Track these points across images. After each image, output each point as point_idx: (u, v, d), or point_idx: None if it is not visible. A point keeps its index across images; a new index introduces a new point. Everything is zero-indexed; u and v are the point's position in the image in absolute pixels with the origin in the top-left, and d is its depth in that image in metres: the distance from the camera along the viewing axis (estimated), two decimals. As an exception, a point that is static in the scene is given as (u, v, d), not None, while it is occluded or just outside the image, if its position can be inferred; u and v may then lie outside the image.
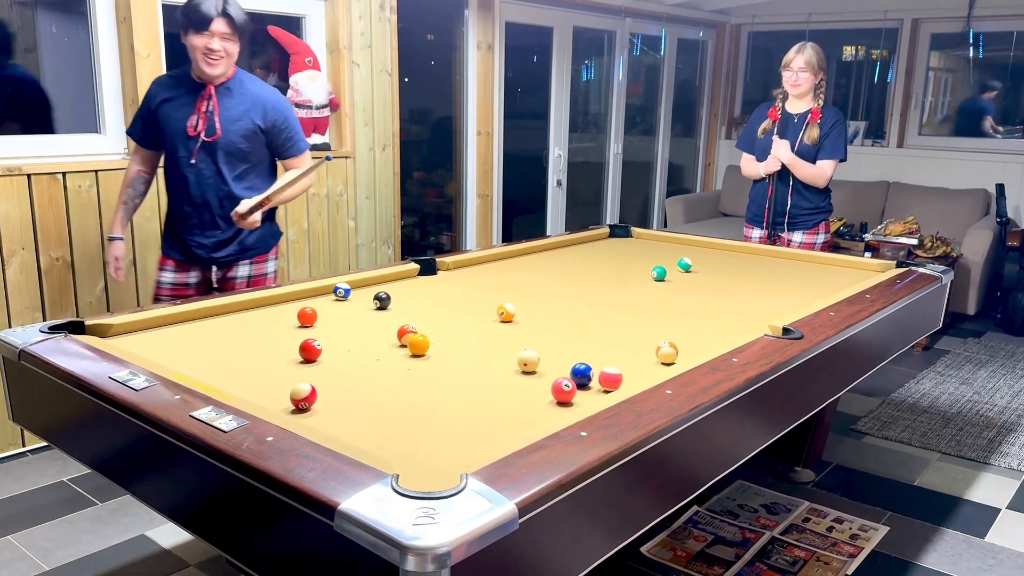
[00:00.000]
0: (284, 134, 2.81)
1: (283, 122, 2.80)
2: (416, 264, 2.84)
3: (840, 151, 3.57)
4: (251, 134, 2.74)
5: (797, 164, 3.56)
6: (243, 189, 2.77)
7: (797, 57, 3.53)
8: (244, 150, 2.75)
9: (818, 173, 3.57)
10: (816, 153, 3.57)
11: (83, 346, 1.87)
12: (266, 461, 1.30)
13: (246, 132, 2.73)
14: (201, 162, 2.72)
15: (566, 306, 2.50)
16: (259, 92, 2.78)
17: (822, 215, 3.68)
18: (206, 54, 2.62)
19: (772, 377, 1.84)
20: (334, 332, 2.15)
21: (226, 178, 2.74)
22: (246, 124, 2.73)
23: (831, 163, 3.57)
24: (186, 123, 2.70)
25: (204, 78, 2.69)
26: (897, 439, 3.51)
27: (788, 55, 3.56)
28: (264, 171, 2.85)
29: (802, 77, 3.53)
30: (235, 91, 2.73)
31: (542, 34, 5.44)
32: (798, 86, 3.55)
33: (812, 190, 3.63)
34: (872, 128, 6.45)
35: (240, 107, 2.72)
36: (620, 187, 6.33)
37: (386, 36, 4.11)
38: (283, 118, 2.80)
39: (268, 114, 2.76)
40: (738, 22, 6.85)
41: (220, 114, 2.70)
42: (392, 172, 4.29)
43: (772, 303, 2.52)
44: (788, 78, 3.56)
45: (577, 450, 1.35)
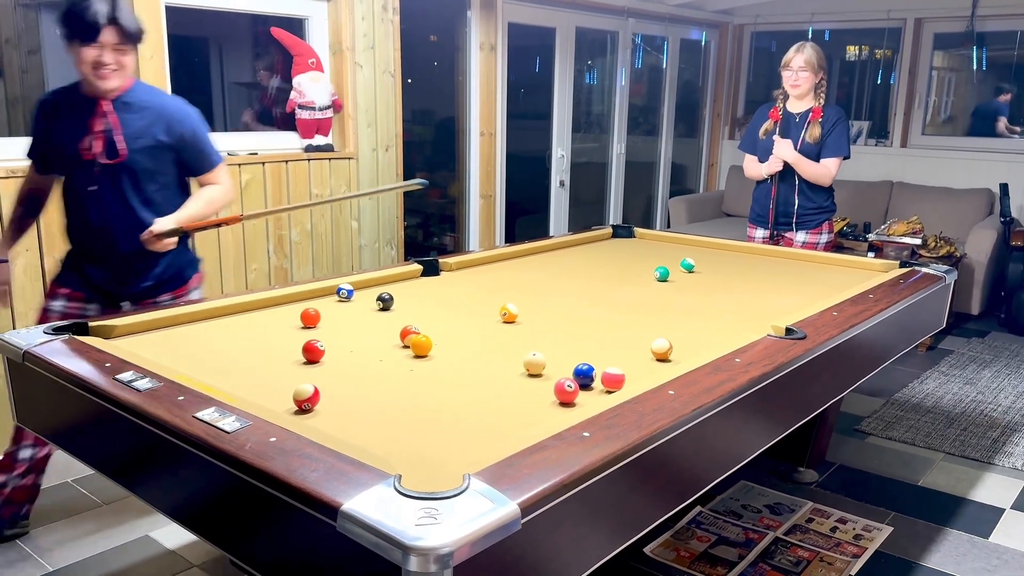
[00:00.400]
0: (194, 148, 2.52)
1: (191, 135, 2.50)
2: (419, 265, 2.84)
3: (844, 148, 3.57)
4: (157, 151, 2.44)
5: (801, 163, 3.56)
6: (152, 214, 2.45)
7: (796, 56, 3.53)
8: (151, 169, 2.44)
9: (823, 171, 3.57)
10: (819, 152, 3.57)
11: (87, 347, 1.87)
12: (269, 461, 1.30)
13: (151, 149, 2.43)
14: (103, 187, 2.41)
15: (569, 306, 2.49)
16: (162, 104, 2.48)
17: (825, 215, 3.68)
18: (96, 67, 2.30)
19: (775, 377, 1.83)
20: (337, 333, 2.15)
21: (132, 203, 2.43)
22: (149, 140, 2.42)
23: (835, 161, 3.57)
24: (78, 145, 2.38)
25: (96, 93, 2.38)
26: (901, 439, 3.51)
27: (787, 55, 3.56)
28: (174, 191, 2.54)
29: (802, 76, 3.53)
30: (134, 104, 2.42)
31: (545, 34, 5.44)
32: (798, 86, 3.54)
33: (815, 190, 3.63)
34: (875, 128, 6.44)
35: (141, 122, 2.41)
36: (623, 187, 6.32)
37: (389, 37, 4.11)
38: (191, 130, 2.50)
39: (173, 127, 2.45)
40: (741, 22, 6.85)
41: (121, 131, 2.38)
42: (395, 173, 4.29)
43: (775, 303, 2.52)
44: (788, 78, 3.56)
45: (580, 450, 1.35)
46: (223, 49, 6.07)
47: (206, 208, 2.54)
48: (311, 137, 3.92)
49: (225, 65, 5.96)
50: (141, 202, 2.45)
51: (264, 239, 3.76)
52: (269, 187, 3.75)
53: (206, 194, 2.56)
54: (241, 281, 3.70)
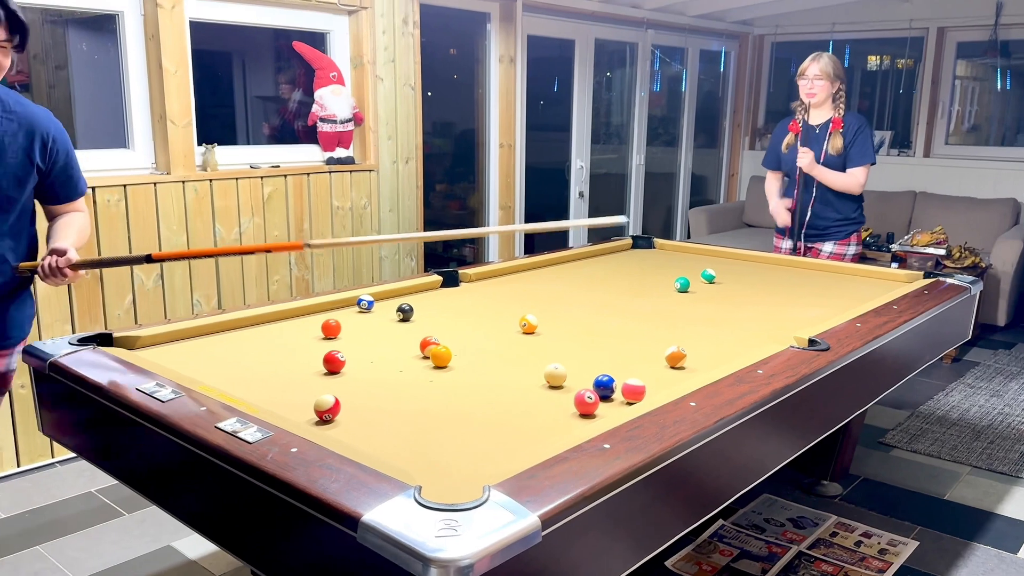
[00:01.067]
0: (65, 172, 2.07)
1: (65, 156, 2.06)
2: (439, 276, 2.85)
3: (869, 155, 3.53)
4: (26, 174, 1.97)
5: (824, 174, 3.53)
6: (8, 250, 2.01)
7: (812, 65, 3.51)
8: (13, 198, 1.97)
9: (851, 181, 3.53)
10: (844, 163, 3.54)
11: (111, 358, 1.89)
12: (290, 472, 1.30)
13: (21, 171, 1.96)
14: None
15: (588, 317, 2.49)
16: (32, 115, 1.98)
17: (853, 226, 3.63)
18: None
19: (798, 389, 1.82)
20: (357, 344, 2.16)
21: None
22: (18, 160, 1.94)
23: (862, 169, 3.53)
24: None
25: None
26: (926, 452, 3.46)
27: (803, 64, 3.55)
28: (27, 222, 2.07)
29: (818, 85, 3.50)
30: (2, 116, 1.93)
31: (564, 46, 5.45)
32: (814, 95, 3.52)
33: (841, 200, 3.59)
34: (898, 138, 6.39)
35: (8, 137, 1.93)
36: (643, 198, 6.31)
37: (409, 51, 4.14)
38: (65, 151, 2.05)
39: (48, 145, 2.00)
40: (761, 32, 6.83)
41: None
42: (415, 185, 4.32)
43: (797, 314, 2.49)
44: (804, 87, 3.55)
45: (600, 462, 1.34)
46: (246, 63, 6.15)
47: (81, 240, 2.12)
48: (332, 150, 3.96)
49: (248, 79, 6.03)
50: (5, 233, 1.99)
51: (286, 251, 3.79)
52: (291, 199, 3.78)
53: (77, 222, 2.13)
54: (263, 292, 3.73)
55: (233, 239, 3.58)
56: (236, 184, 3.56)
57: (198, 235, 3.46)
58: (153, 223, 3.32)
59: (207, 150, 3.51)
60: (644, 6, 5.62)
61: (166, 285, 3.39)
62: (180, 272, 3.43)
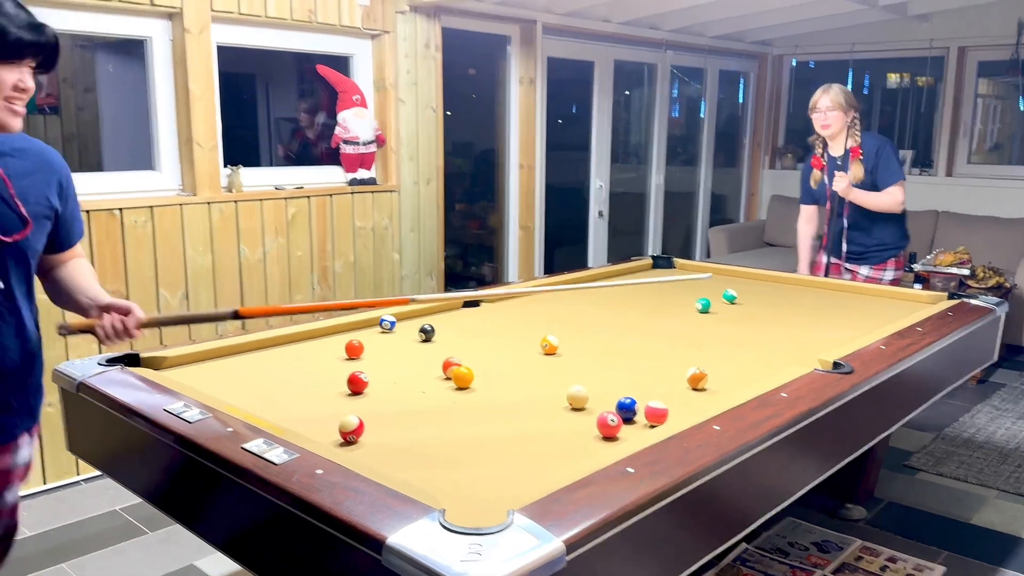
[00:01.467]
0: (73, 213, 1.80)
1: (74, 195, 1.80)
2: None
3: (897, 172, 3.49)
4: (49, 219, 1.72)
5: (862, 196, 3.50)
6: (27, 313, 1.74)
7: (823, 97, 3.50)
8: (37, 250, 1.71)
9: (889, 200, 3.49)
10: (872, 188, 3.51)
11: (138, 378, 1.92)
12: (316, 494, 1.31)
13: (47, 216, 1.71)
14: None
15: (609, 338, 2.49)
16: (42, 151, 1.72)
17: (890, 251, 3.59)
18: (10, 98, 1.54)
19: (823, 412, 1.81)
20: (380, 364, 2.17)
21: (18, 302, 1.69)
22: (44, 204, 1.69)
23: (896, 187, 3.50)
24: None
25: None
26: (952, 475, 3.41)
27: (814, 97, 3.53)
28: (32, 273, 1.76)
29: (831, 116, 3.49)
30: (16, 152, 1.65)
31: (583, 67, 5.49)
32: (828, 126, 3.51)
33: (876, 225, 3.55)
34: (920, 157, 6.35)
35: (30, 178, 1.66)
36: (662, 217, 6.31)
37: (431, 73, 4.19)
38: (73, 190, 1.79)
39: (63, 183, 1.74)
40: (780, 52, 6.83)
41: (18, 192, 1.62)
42: (436, 205, 4.35)
43: (820, 336, 2.48)
44: (818, 120, 3.53)
45: (624, 486, 1.34)
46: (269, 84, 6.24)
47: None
48: (355, 171, 4.00)
49: (271, 100, 6.12)
50: (26, 295, 1.72)
51: (309, 271, 3.83)
52: (314, 220, 3.82)
53: (91, 271, 1.90)
54: (285, 312, 3.76)
55: (257, 260, 3.62)
56: (261, 205, 3.61)
57: (223, 256, 3.50)
58: (179, 244, 3.36)
59: (232, 172, 3.56)
60: (663, 27, 5.65)
61: (191, 305, 3.43)
62: (205, 291, 3.47)
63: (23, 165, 1.65)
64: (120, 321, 1.75)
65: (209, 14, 3.34)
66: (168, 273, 3.35)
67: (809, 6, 5.12)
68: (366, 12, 3.87)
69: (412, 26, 4.05)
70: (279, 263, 3.70)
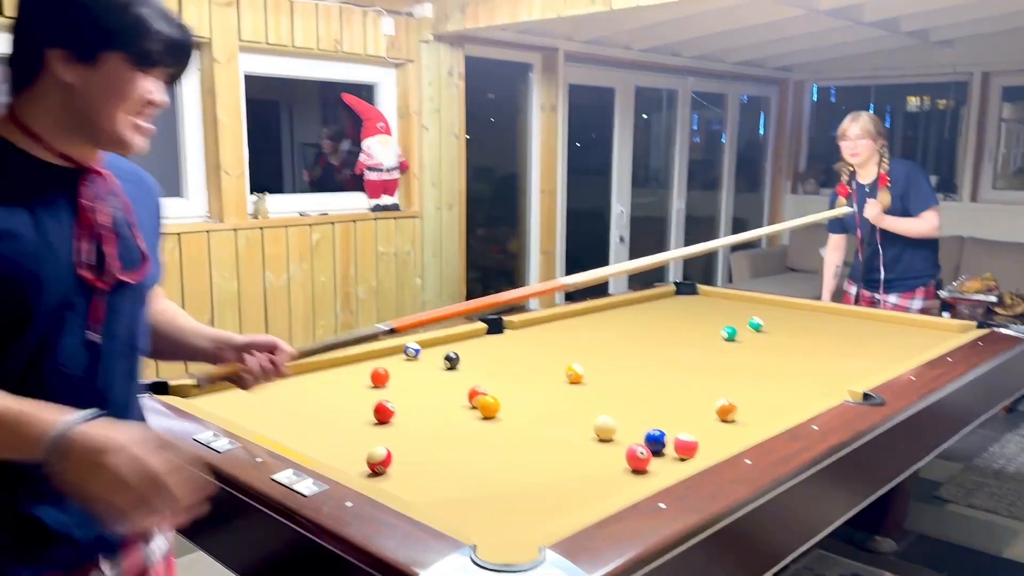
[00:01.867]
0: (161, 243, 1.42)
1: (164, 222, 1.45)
2: (484, 323, 2.87)
3: (930, 197, 3.46)
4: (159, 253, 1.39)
5: (895, 223, 3.47)
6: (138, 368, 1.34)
7: (852, 126, 3.49)
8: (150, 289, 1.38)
9: (923, 225, 3.45)
10: (902, 214, 3.49)
11: (167, 407, 1.93)
12: (347, 527, 1.31)
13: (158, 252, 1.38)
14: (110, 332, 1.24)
15: (634, 367, 2.48)
16: (140, 171, 1.40)
17: (920, 280, 3.55)
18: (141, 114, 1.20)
19: (854, 446, 1.78)
20: (406, 393, 2.17)
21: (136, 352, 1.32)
22: (155, 235, 1.38)
23: (931, 213, 3.46)
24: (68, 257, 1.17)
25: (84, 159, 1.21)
26: (983, 507, 3.34)
27: (843, 125, 3.52)
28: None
29: (860, 145, 3.48)
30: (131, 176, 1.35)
31: (605, 93, 5.52)
32: (857, 154, 3.50)
33: (907, 251, 3.52)
34: (944, 182, 6.31)
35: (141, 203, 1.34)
36: (683, 242, 6.29)
37: (454, 101, 4.22)
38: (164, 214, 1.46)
39: (161, 209, 1.43)
40: (801, 78, 6.83)
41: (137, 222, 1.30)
42: (458, 231, 4.37)
43: (849, 365, 2.45)
44: (847, 148, 3.52)
45: (656, 523, 1.33)
46: (293, 111, 6.33)
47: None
48: (378, 197, 4.03)
49: (295, 126, 6.20)
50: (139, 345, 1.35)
51: (332, 296, 3.85)
52: (338, 246, 3.85)
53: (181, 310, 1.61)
54: (310, 336, 3.78)
55: (282, 285, 3.64)
56: (286, 232, 3.64)
57: (248, 282, 3.53)
58: (206, 270, 3.40)
59: (259, 199, 3.60)
60: (684, 54, 5.67)
61: (216, 330, 3.46)
62: (230, 317, 3.49)
63: (136, 191, 1.34)
64: (268, 360, 1.52)
65: (237, 44, 3.40)
66: (194, 299, 3.38)
67: (830, 33, 5.13)
68: (391, 42, 3.92)
69: (436, 55, 4.10)
70: (303, 289, 3.73)
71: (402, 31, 3.96)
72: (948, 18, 4.93)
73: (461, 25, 3.88)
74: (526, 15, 3.59)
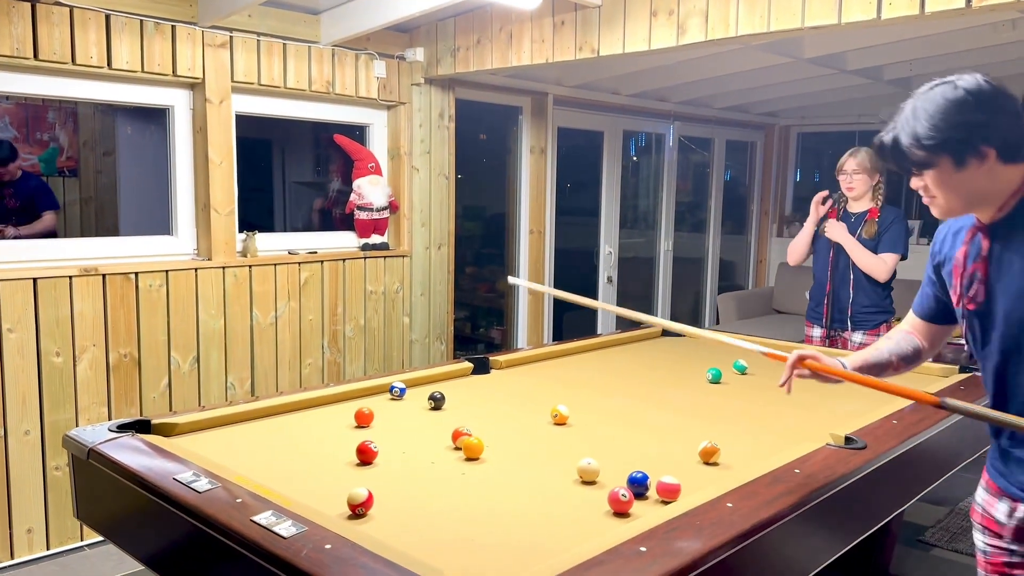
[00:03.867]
0: None
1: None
2: (470, 363, 2.87)
3: (899, 246, 3.54)
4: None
5: (855, 248, 3.53)
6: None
7: (850, 160, 3.58)
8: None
9: (878, 263, 3.53)
10: (875, 249, 3.55)
11: (149, 446, 1.92)
12: (324, 570, 1.30)
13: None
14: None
15: (620, 408, 2.48)
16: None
17: (884, 315, 3.61)
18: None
19: (836, 489, 1.79)
20: (390, 433, 2.17)
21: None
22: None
23: (892, 256, 3.53)
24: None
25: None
26: (968, 552, 3.33)
27: (842, 160, 3.61)
28: None
29: (856, 179, 3.56)
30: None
31: (593, 136, 5.59)
32: (852, 188, 3.58)
33: (873, 288, 3.58)
34: (927, 227, 6.39)
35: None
36: (671, 283, 6.34)
37: (444, 142, 4.28)
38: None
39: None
40: (786, 123, 6.95)
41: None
42: (447, 270, 4.39)
43: (831, 408, 2.47)
44: (844, 181, 3.61)
45: (637, 566, 1.33)
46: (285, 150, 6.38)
47: None
48: (368, 236, 4.05)
49: (287, 166, 6.24)
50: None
51: (320, 334, 3.85)
52: (327, 284, 3.85)
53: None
54: (296, 375, 3.77)
55: (269, 323, 3.64)
56: (274, 270, 3.65)
57: (235, 320, 3.53)
58: (192, 308, 3.40)
59: (247, 237, 3.61)
60: (671, 99, 5.77)
61: (201, 368, 3.45)
62: (216, 355, 3.48)
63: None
64: None
65: (229, 85, 3.44)
66: (180, 336, 3.37)
67: (814, 80, 5.23)
68: (382, 84, 3.98)
69: (427, 97, 4.16)
70: (290, 327, 3.73)
71: (394, 74, 4.02)
72: (930, 67, 5.04)
73: (452, 69, 3.95)
74: (516, 60, 3.66)
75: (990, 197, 1.50)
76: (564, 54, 3.47)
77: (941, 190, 1.51)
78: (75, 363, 3.11)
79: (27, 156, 4.96)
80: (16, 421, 2.99)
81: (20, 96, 4.22)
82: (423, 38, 4.05)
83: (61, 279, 3.06)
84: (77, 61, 3.02)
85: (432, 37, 4.02)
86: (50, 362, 3.04)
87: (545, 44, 3.53)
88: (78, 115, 5.32)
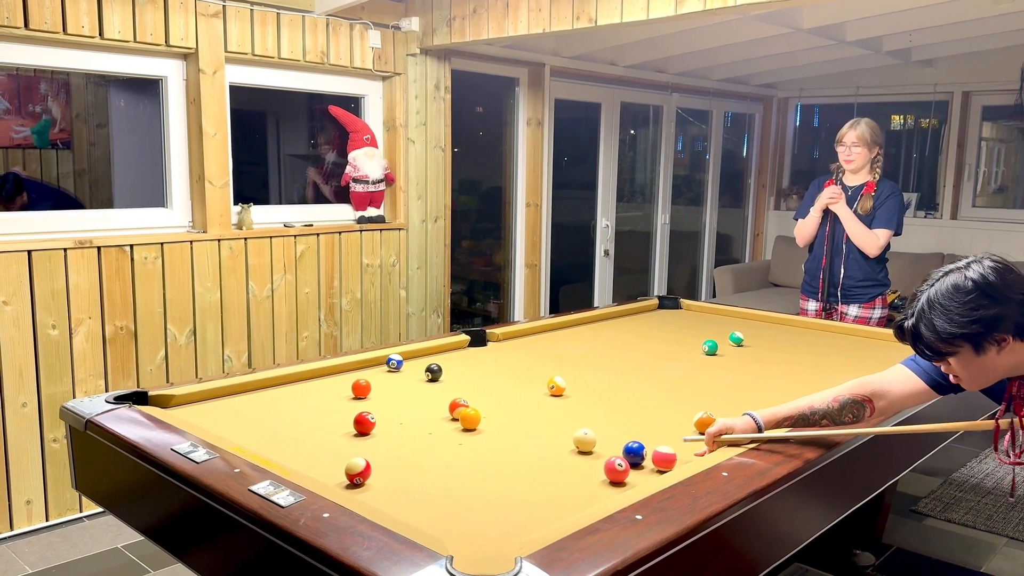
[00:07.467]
0: None
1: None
2: (467, 335, 2.87)
3: (893, 222, 3.53)
4: None
5: (850, 219, 3.52)
6: None
7: (850, 132, 3.54)
8: None
9: (871, 237, 3.52)
10: (870, 224, 3.54)
11: (147, 417, 1.92)
12: (323, 539, 1.31)
13: None
14: None
15: (616, 380, 2.49)
16: None
17: (878, 289, 3.62)
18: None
19: (831, 459, 1.80)
20: (387, 404, 2.17)
21: None
22: None
23: (884, 232, 3.52)
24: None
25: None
26: (961, 522, 3.37)
27: (842, 131, 3.58)
28: None
29: (855, 152, 3.54)
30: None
31: (590, 108, 5.55)
32: (851, 160, 3.55)
33: (868, 262, 3.58)
34: (924, 200, 6.38)
35: None
36: (668, 256, 6.34)
37: (440, 114, 4.24)
38: None
39: None
40: (785, 95, 6.91)
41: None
42: (443, 243, 4.37)
43: (828, 379, 2.46)
44: (843, 153, 3.57)
45: (632, 534, 1.34)
46: (280, 122, 6.32)
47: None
48: (364, 209, 4.03)
49: (282, 138, 6.19)
50: None
51: (316, 308, 3.84)
52: (322, 258, 3.84)
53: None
54: (292, 348, 3.77)
55: (265, 296, 3.64)
56: (270, 243, 3.64)
57: (231, 293, 3.52)
58: (188, 281, 3.39)
59: (242, 209, 3.59)
60: (669, 71, 5.72)
61: (198, 341, 3.45)
62: (212, 328, 3.48)
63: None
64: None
65: (223, 55, 3.40)
66: (176, 309, 3.37)
67: (813, 51, 5.19)
68: (378, 55, 3.93)
69: (423, 68, 4.12)
70: (287, 300, 3.72)
71: (389, 44, 3.98)
72: (929, 38, 5.00)
73: (448, 39, 3.90)
74: (512, 30, 3.62)
75: (1017, 368, 1.60)
76: (561, 23, 3.43)
77: (965, 371, 1.61)
78: (71, 335, 3.11)
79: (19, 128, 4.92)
80: (13, 394, 2.99)
81: (11, 67, 4.16)
82: (418, 7, 4.00)
83: (56, 251, 3.05)
84: (68, 31, 2.98)
85: (428, 6, 3.97)
86: (46, 335, 3.04)
87: (542, 13, 3.49)
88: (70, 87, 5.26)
